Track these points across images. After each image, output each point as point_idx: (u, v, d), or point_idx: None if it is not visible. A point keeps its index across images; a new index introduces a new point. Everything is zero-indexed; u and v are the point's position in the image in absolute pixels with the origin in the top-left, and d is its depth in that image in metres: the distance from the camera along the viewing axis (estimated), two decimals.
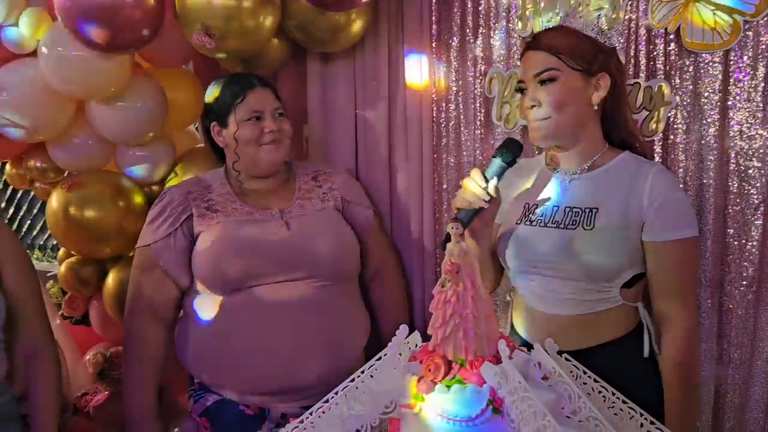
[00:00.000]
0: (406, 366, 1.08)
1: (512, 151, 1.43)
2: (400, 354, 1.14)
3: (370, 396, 1.11)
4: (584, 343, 1.47)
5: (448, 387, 1.02)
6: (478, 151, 2.00)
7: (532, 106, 1.47)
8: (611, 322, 1.48)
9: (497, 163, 1.42)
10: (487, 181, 1.40)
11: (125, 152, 2.16)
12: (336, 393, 1.17)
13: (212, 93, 1.81)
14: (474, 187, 1.39)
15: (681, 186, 1.64)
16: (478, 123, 1.99)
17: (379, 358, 1.13)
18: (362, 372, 1.16)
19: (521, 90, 1.52)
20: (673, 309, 1.45)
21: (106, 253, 2.17)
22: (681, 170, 1.71)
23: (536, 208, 1.54)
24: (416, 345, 1.16)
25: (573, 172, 1.53)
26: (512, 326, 1.64)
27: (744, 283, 1.69)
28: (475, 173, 1.42)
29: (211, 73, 2.20)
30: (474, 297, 1.05)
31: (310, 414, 1.18)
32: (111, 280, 2.16)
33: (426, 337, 1.14)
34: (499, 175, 1.42)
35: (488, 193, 1.39)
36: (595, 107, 1.49)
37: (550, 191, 1.54)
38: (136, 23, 1.74)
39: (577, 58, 1.45)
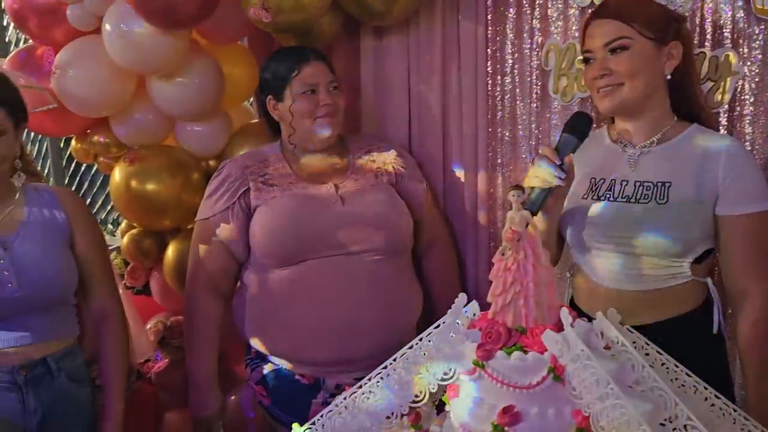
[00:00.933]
0: (465, 333, 1.08)
1: (583, 125, 1.40)
2: (458, 322, 1.14)
3: (428, 363, 1.12)
4: (651, 318, 1.45)
5: (509, 354, 1.02)
6: (533, 125, 1.97)
7: (603, 75, 1.43)
8: (679, 298, 1.45)
9: (570, 138, 1.39)
10: (561, 158, 1.37)
11: (184, 127, 2.21)
12: (395, 359, 1.18)
13: (268, 66, 1.83)
14: (549, 165, 1.36)
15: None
16: (534, 96, 1.95)
17: (438, 326, 1.14)
18: (420, 339, 1.17)
19: (587, 60, 1.48)
20: (750, 284, 1.41)
21: (165, 225, 2.23)
22: (748, 143, 1.65)
23: (603, 182, 1.51)
24: (474, 314, 1.16)
25: (642, 145, 1.49)
26: (572, 304, 1.62)
27: None
28: (548, 150, 1.38)
29: (266, 49, 2.22)
30: (535, 265, 1.05)
31: (369, 380, 1.20)
32: (171, 251, 2.22)
33: (482, 309, 1.14)
34: (573, 151, 1.39)
35: (563, 171, 1.36)
36: (669, 77, 1.45)
37: (619, 165, 1.50)
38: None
39: (650, 26, 1.41)
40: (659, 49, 1.43)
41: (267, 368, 1.84)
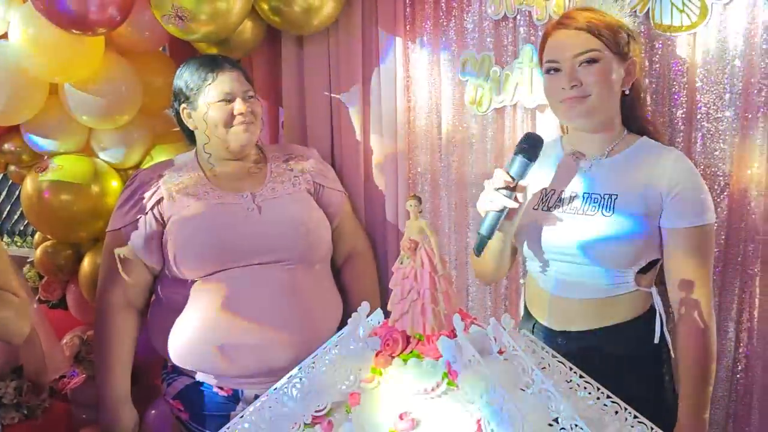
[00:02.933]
0: (365, 341, 1.09)
1: (535, 147, 1.40)
2: (362, 330, 1.15)
3: (331, 371, 1.12)
4: (596, 324, 1.48)
5: (405, 361, 1.03)
6: (451, 134, 2.01)
7: (573, 86, 1.43)
8: (624, 307, 1.48)
9: (521, 161, 1.38)
10: (514, 181, 1.38)
11: (100, 136, 2.16)
12: (300, 368, 1.18)
13: (182, 75, 1.81)
14: (503, 189, 1.36)
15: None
16: (451, 105, 1.99)
17: (340, 335, 1.15)
18: (324, 348, 1.17)
19: (554, 70, 1.46)
20: (690, 296, 1.43)
21: (81, 237, 2.17)
22: None
23: (554, 194, 1.53)
24: (378, 322, 1.17)
25: (593, 157, 1.51)
26: (526, 310, 1.65)
27: None
28: (502, 174, 1.38)
29: (187, 56, 2.18)
30: (432, 273, 1.06)
31: (275, 390, 1.19)
32: (87, 264, 2.15)
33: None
34: (524, 173, 1.39)
35: (516, 194, 1.37)
36: (626, 92, 1.48)
37: (569, 177, 1.52)
38: (106, 3, 1.74)
39: (614, 42, 1.43)
40: (620, 64, 1.45)
41: (184, 382, 1.81)
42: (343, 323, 1.88)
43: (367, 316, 1.16)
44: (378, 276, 2.08)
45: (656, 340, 1.47)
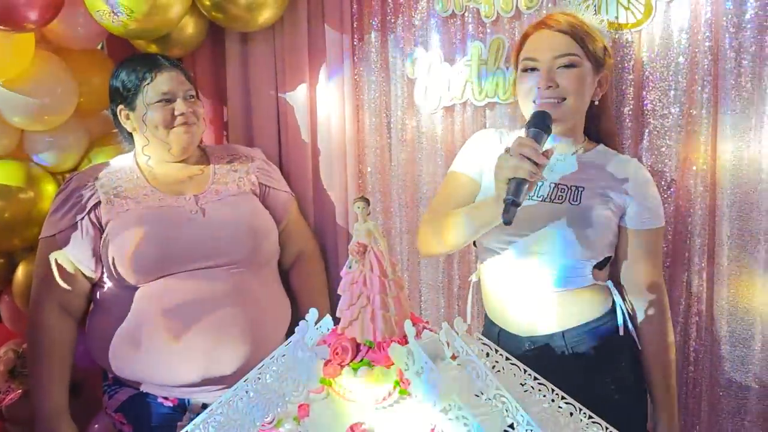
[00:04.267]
0: (313, 350, 1.05)
1: (548, 120, 1.35)
2: (310, 339, 1.11)
3: (278, 382, 1.08)
4: (563, 324, 1.49)
5: (356, 370, 0.99)
6: (401, 133, 1.98)
7: (549, 87, 1.42)
8: (587, 301, 1.50)
9: (540, 133, 1.33)
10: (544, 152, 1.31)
11: (34, 138, 2.05)
12: (246, 380, 1.13)
13: (119, 75, 1.73)
14: (531, 155, 1.27)
15: None
16: (401, 103, 1.96)
17: (287, 344, 1.10)
18: (271, 358, 1.12)
19: (531, 69, 1.45)
20: (658, 288, 1.54)
21: (14, 244, 2.05)
22: None
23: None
24: (327, 329, 1.13)
25: (559, 154, 1.50)
26: (486, 316, 1.62)
27: None
28: (530, 142, 1.29)
29: (126, 54, 2.10)
30: (382, 278, 1.03)
31: (220, 402, 1.14)
32: (21, 273, 2.04)
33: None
34: (544, 144, 1.34)
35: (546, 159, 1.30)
36: (596, 102, 1.51)
37: None
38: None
39: (593, 52, 1.45)
40: (595, 75, 1.47)
41: (126, 394, 1.73)
42: (292, 328, 1.83)
43: (316, 323, 1.12)
44: (328, 280, 2.03)
45: (621, 332, 1.51)
